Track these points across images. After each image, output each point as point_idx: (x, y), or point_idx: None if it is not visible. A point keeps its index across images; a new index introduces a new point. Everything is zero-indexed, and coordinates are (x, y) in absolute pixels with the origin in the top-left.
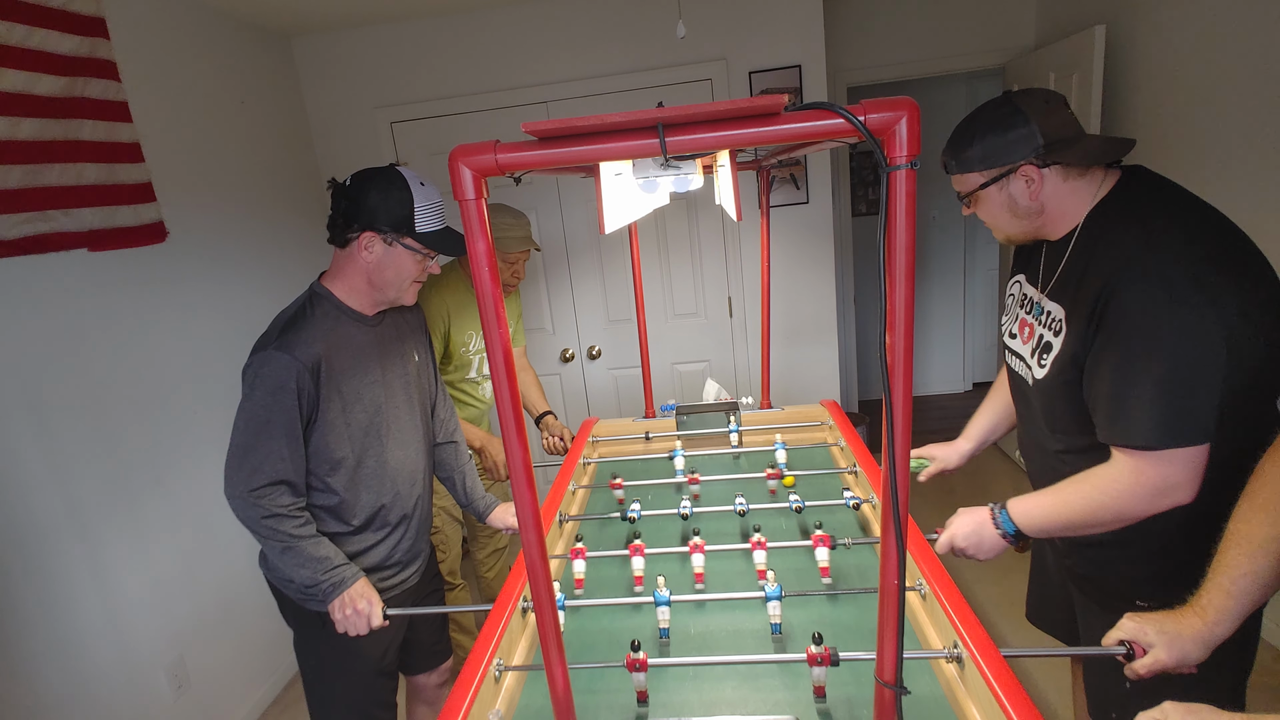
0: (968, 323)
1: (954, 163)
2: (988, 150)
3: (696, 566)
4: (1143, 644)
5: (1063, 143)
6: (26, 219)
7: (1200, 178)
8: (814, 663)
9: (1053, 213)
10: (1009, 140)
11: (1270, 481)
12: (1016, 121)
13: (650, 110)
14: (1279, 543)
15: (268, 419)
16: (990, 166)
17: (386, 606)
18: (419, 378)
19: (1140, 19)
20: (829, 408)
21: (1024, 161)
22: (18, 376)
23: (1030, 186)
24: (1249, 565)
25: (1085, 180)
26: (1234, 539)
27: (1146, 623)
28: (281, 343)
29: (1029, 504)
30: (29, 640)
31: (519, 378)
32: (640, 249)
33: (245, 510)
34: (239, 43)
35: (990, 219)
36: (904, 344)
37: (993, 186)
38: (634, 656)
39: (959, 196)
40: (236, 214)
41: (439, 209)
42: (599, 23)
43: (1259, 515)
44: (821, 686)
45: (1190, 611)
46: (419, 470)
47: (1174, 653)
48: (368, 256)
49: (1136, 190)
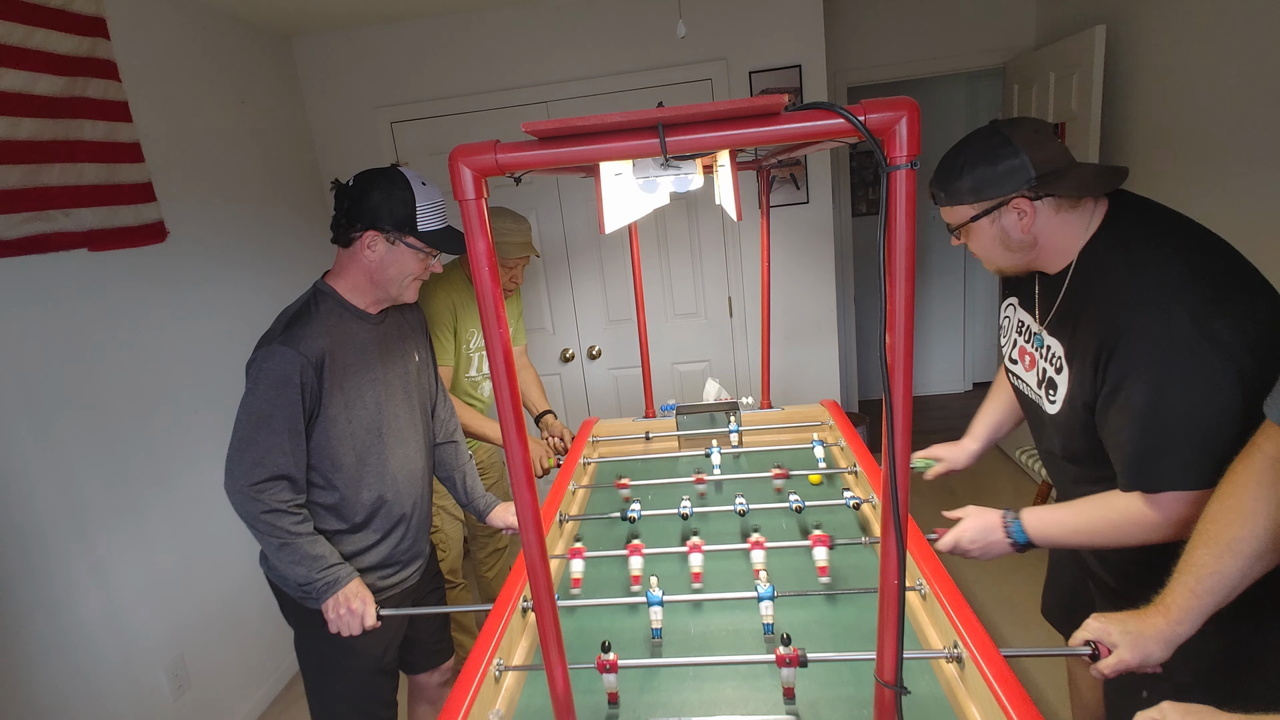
0: (968, 323)
1: (943, 194)
2: (978, 182)
3: (694, 566)
4: (1107, 644)
5: (1054, 174)
6: (26, 219)
7: (1200, 178)
8: (782, 664)
9: (1046, 246)
10: (999, 173)
11: (1241, 483)
12: (1006, 153)
13: (650, 110)
14: (1246, 544)
15: (270, 413)
16: (981, 199)
17: (381, 607)
18: (419, 377)
19: (1140, 19)
20: (829, 408)
21: (1016, 194)
22: (18, 376)
23: (1023, 220)
24: (1215, 565)
25: (1077, 212)
26: (1202, 538)
27: (1111, 622)
28: (286, 338)
29: (1045, 517)
30: (29, 640)
31: (519, 376)
32: (640, 249)
33: (245, 505)
34: (239, 43)
35: (982, 251)
36: (904, 344)
37: (984, 219)
38: (604, 658)
39: (949, 229)
40: (236, 214)
41: (440, 208)
42: (599, 23)
43: (1228, 516)
44: (791, 688)
45: (1154, 610)
46: (419, 469)
47: (1137, 652)
48: (370, 255)
49: (1126, 222)
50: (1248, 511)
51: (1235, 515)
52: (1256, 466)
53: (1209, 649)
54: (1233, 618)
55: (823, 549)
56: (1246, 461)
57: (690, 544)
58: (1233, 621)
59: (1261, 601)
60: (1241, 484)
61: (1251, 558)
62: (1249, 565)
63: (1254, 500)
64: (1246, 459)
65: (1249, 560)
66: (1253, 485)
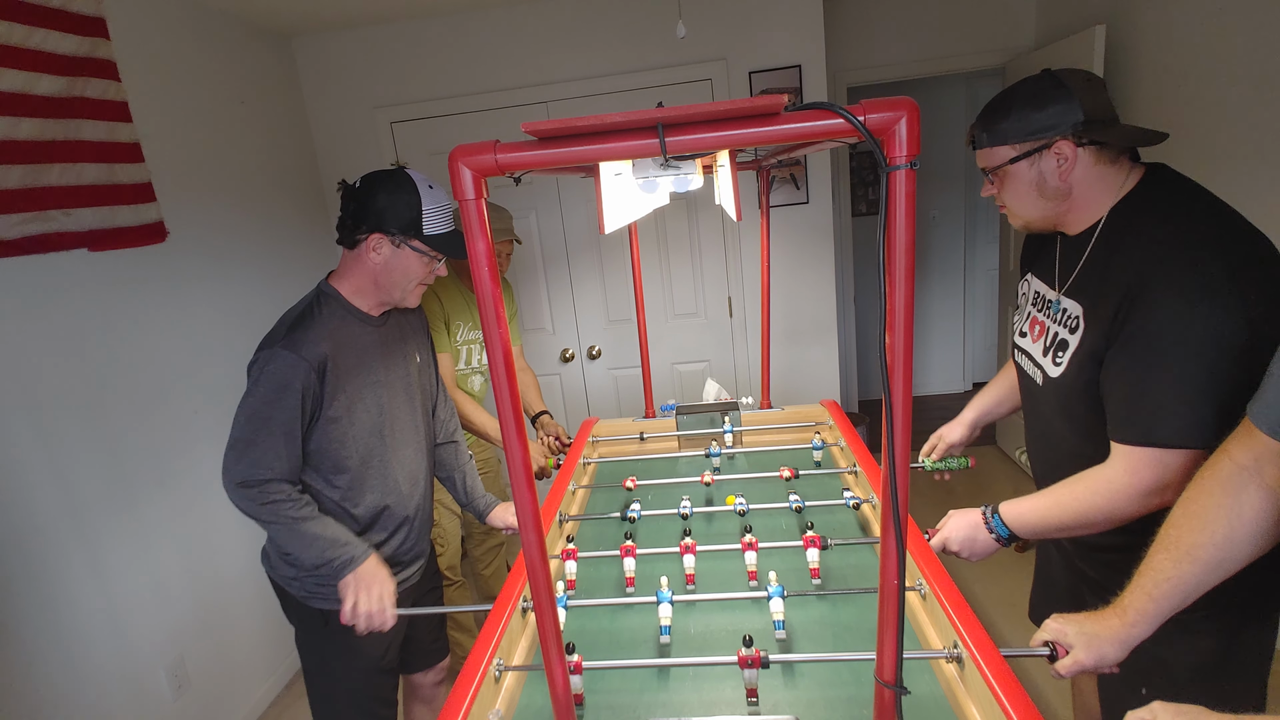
0: (968, 323)
1: (985, 135)
2: (1024, 122)
3: (687, 567)
4: (1064, 644)
5: (1102, 123)
6: (26, 219)
7: (1200, 177)
8: (744, 665)
9: (1079, 199)
10: (1048, 114)
11: (1206, 489)
12: (1059, 95)
13: (650, 110)
14: (1205, 550)
15: (268, 416)
16: (1024, 139)
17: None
18: (420, 378)
19: (1140, 19)
20: (829, 408)
21: (1060, 136)
22: (18, 376)
23: (1062, 166)
24: (1173, 571)
25: (1114, 169)
26: (1163, 543)
27: (1068, 623)
28: (289, 341)
29: (1021, 507)
30: (29, 640)
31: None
32: (640, 249)
33: (243, 501)
34: (239, 43)
35: (1014, 200)
36: (904, 344)
37: (1023, 162)
38: (568, 659)
39: (984, 172)
40: (236, 214)
41: (446, 212)
42: (599, 23)
43: (1190, 522)
44: (754, 689)
45: (1112, 612)
46: (421, 470)
47: (1092, 653)
48: (375, 258)
49: (1164, 187)
50: (1209, 518)
51: (1197, 521)
52: (1223, 474)
53: (1205, 647)
54: (1229, 618)
55: (814, 550)
56: (1214, 468)
57: (682, 545)
58: (1228, 620)
59: (1244, 602)
60: (1206, 490)
61: (1210, 565)
62: (1207, 573)
63: (1217, 508)
64: (1214, 465)
65: (1207, 568)
66: (1218, 492)
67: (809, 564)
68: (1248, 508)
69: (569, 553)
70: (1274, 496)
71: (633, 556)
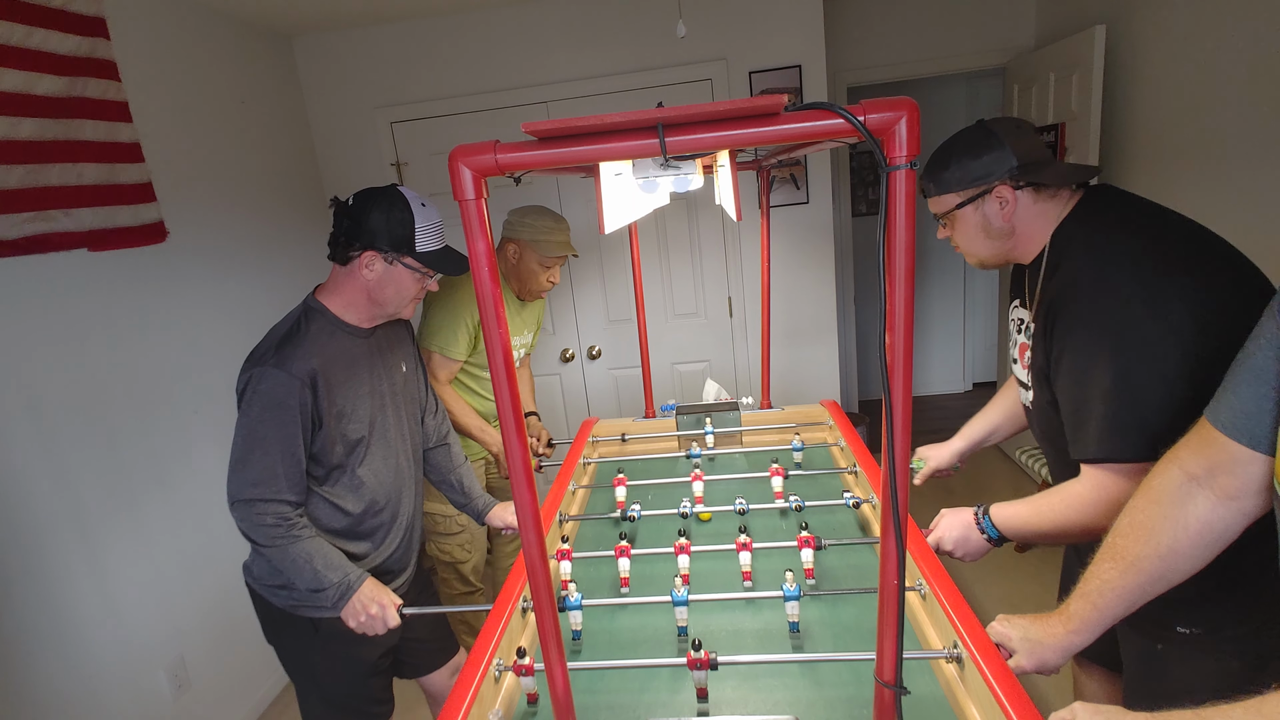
0: (968, 323)
1: (931, 185)
2: (963, 171)
3: (682, 568)
4: (1007, 648)
5: (1034, 165)
6: (26, 219)
7: (1199, 177)
8: (694, 666)
9: (1022, 235)
10: (983, 163)
11: (1153, 499)
12: (991, 144)
13: (650, 110)
14: (1149, 562)
15: (264, 435)
16: (966, 186)
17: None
18: (406, 387)
19: (1140, 19)
20: (829, 408)
21: (999, 182)
22: (18, 376)
23: (1004, 208)
24: (1118, 581)
25: (1054, 203)
26: (1109, 552)
27: (1012, 627)
28: (278, 359)
29: (1009, 511)
30: (29, 640)
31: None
32: (640, 249)
33: (243, 520)
34: (239, 43)
35: (964, 241)
36: (904, 344)
37: (968, 207)
38: (520, 662)
39: (935, 218)
40: (236, 214)
41: (439, 229)
42: (599, 23)
43: (1136, 532)
44: (704, 689)
45: (1056, 618)
46: (410, 479)
47: (1033, 659)
48: (369, 275)
49: (1094, 206)
50: (1154, 530)
51: (1143, 532)
52: (1171, 484)
53: (1235, 669)
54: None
55: (809, 550)
56: (1162, 475)
57: (677, 545)
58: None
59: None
60: (1154, 499)
61: (1154, 576)
62: (1151, 583)
63: (1163, 518)
64: (1163, 473)
65: (1151, 578)
66: (1165, 502)
67: (804, 564)
68: (1193, 519)
69: (563, 553)
70: (1226, 506)
71: (627, 557)
